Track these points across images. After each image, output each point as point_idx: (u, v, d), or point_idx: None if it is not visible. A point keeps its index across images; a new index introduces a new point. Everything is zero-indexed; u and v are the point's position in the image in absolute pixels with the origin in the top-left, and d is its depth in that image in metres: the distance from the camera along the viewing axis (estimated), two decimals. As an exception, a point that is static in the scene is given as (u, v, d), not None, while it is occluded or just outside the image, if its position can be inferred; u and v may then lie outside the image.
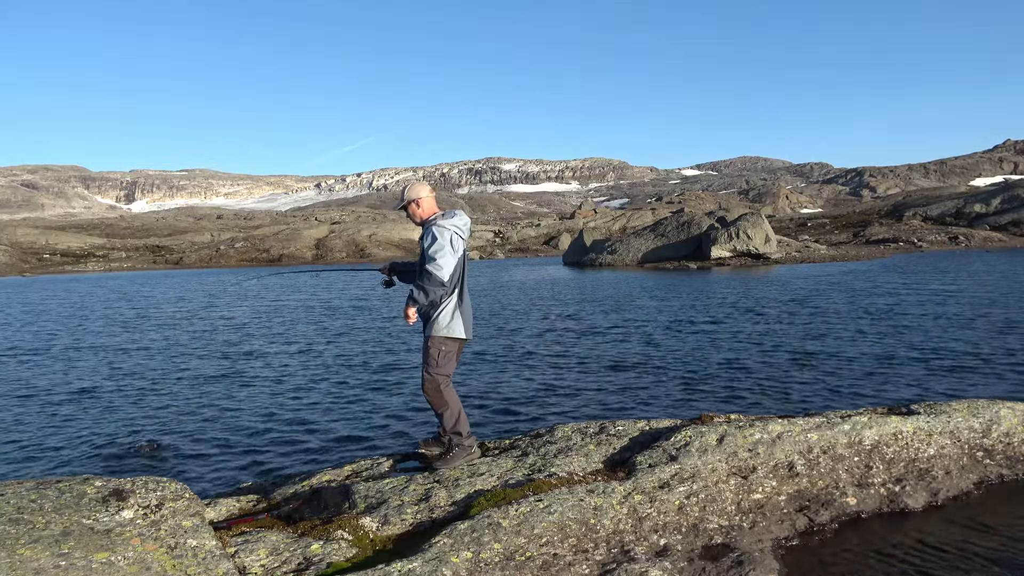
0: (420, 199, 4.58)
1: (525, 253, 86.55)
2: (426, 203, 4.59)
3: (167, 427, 9.07)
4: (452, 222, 4.47)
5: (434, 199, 4.65)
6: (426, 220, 4.57)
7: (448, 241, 4.37)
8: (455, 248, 4.42)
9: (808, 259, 46.05)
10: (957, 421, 4.71)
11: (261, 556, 3.35)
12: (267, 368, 13.22)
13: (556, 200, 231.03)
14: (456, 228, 4.46)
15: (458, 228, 4.47)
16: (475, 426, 8.40)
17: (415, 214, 4.59)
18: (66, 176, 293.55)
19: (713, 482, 4.01)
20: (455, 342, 4.59)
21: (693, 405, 9.04)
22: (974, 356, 11.41)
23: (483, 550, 3.27)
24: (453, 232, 4.43)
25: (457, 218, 4.53)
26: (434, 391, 4.57)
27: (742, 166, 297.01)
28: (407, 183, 4.67)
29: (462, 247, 4.52)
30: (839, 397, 9.18)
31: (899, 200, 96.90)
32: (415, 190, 4.60)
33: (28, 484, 3.55)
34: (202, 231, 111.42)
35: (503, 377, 11.40)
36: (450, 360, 4.60)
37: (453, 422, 4.60)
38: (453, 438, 4.61)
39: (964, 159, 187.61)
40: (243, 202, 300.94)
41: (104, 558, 2.93)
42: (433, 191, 4.67)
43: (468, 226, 4.59)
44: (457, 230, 4.46)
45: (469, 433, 4.69)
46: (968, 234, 59.34)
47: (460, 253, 4.50)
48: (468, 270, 4.69)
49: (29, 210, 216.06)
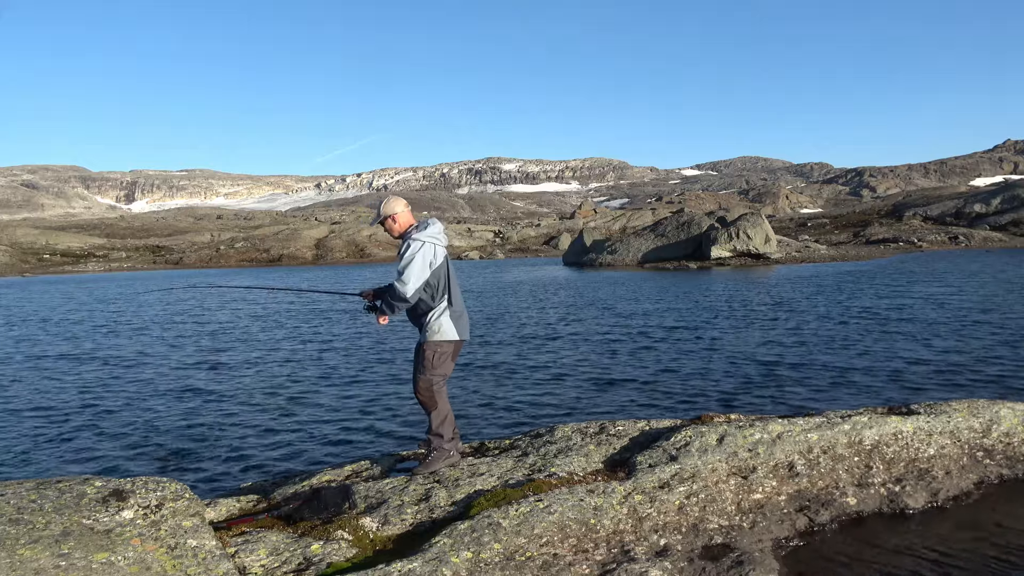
0: (396, 214, 4.62)
1: (525, 253, 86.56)
2: (402, 218, 4.63)
3: (167, 427, 9.07)
4: (427, 233, 4.51)
5: (409, 212, 4.69)
6: (403, 234, 4.62)
7: (419, 254, 4.40)
8: (433, 257, 4.47)
9: (808, 259, 46.06)
10: (957, 421, 4.71)
11: (261, 556, 3.35)
12: (267, 369, 13.21)
13: (556, 200, 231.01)
14: (431, 238, 4.50)
15: (434, 237, 4.51)
16: (475, 426, 8.41)
17: (392, 229, 4.65)
18: (66, 176, 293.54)
19: (713, 482, 4.00)
20: (449, 344, 4.62)
21: (693, 405, 9.03)
22: (974, 356, 11.41)
23: (483, 550, 3.27)
24: (428, 243, 4.47)
25: (432, 227, 4.58)
26: (427, 391, 4.60)
27: (742, 166, 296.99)
28: (382, 200, 4.72)
29: (441, 255, 4.56)
30: (839, 397, 9.17)
31: (899, 200, 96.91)
32: (390, 206, 4.64)
33: (28, 484, 3.55)
34: (202, 231, 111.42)
35: (503, 377, 11.39)
36: (445, 362, 4.63)
37: (439, 422, 4.62)
38: (434, 440, 4.61)
39: (964, 159, 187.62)
40: (243, 202, 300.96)
41: (104, 558, 2.93)
42: (408, 206, 4.71)
43: (443, 232, 4.64)
44: (433, 239, 4.50)
45: (453, 437, 4.67)
46: (968, 234, 59.35)
47: (440, 261, 4.54)
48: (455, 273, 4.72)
49: (29, 210, 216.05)
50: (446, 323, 4.58)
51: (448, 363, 4.67)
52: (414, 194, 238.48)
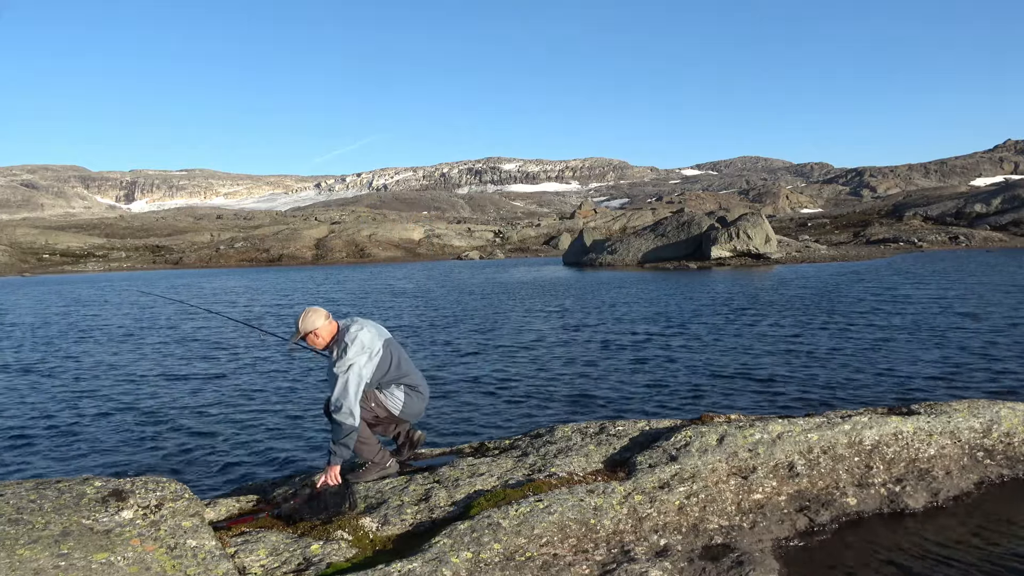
0: (316, 329, 4.33)
1: (525, 253, 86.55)
2: (324, 331, 4.35)
3: (166, 427, 9.07)
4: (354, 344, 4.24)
5: (330, 322, 4.39)
6: (328, 345, 4.39)
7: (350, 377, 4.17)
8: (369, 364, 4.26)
9: (808, 259, 46.06)
10: (957, 421, 4.71)
11: (261, 556, 3.35)
12: (267, 369, 13.21)
13: (556, 200, 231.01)
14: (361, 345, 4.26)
15: (363, 344, 4.27)
16: (475, 426, 8.41)
17: (315, 344, 4.38)
18: (66, 176, 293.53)
19: (713, 482, 4.00)
20: (385, 412, 4.49)
21: (693, 405, 9.03)
22: (975, 356, 11.41)
23: (483, 550, 3.26)
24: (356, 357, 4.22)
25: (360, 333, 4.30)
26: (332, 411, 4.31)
27: (742, 166, 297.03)
28: (300, 314, 4.36)
29: (378, 343, 4.36)
30: (839, 397, 9.17)
31: (899, 200, 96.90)
32: (308, 321, 4.32)
33: (28, 484, 3.55)
34: (202, 231, 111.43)
35: (503, 377, 11.39)
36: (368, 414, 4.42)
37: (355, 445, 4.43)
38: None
39: (964, 159, 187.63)
40: (243, 202, 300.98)
41: (104, 558, 2.92)
42: (328, 316, 4.39)
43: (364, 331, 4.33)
44: (362, 347, 4.26)
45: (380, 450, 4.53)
46: (968, 234, 59.35)
47: (379, 347, 4.35)
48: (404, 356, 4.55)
49: (29, 210, 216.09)
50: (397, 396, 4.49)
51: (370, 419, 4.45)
52: (414, 194, 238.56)
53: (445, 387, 10.53)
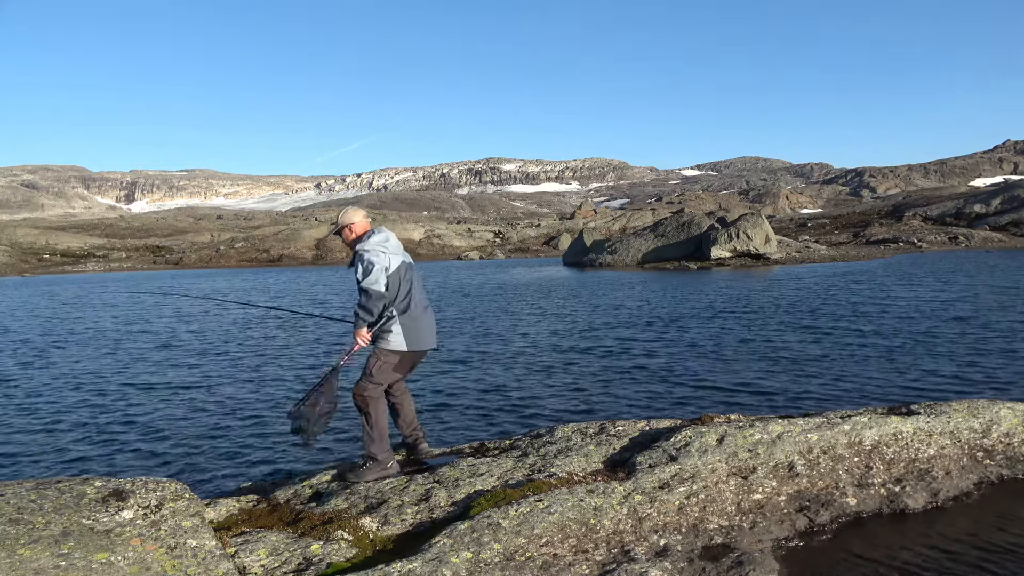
0: (352, 224, 4.75)
1: (525, 253, 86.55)
2: (358, 227, 4.76)
3: (166, 427, 9.07)
4: (374, 241, 4.60)
5: (365, 221, 4.82)
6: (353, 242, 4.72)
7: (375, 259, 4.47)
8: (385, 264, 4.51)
9: (808, 259, 46.05)
10: (957, 421, 4.71)
11: (261, 556, 3.35)
12: (267, 369, 13.21)
13: (556, 200, 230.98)
14: (379, 245, 4.57)
15: (381, 245, 4.58)
16: (475, 426, 8.41)
17: (348, 238, 4.76)
18: (66, 176, 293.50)
19: (713, 482, 4.00)
20: (395, 355, 4.63)
21: (693, 405, 9.03)
22: (974, 356, 11.41)
23: (483, 550, 3.27)
24: (376, 251, 4.53)
25: (377, 235, 4.65)
26: (360, 396, 4.65)
27: (742, 166, 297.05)
28: (344, 209, 4.89)
29: (397, 260, 4.57)
30: (839, 397, 9.17)
31: (899, 200, 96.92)
32: (347, 216, 4.80)
33: (28, 484, 3.55)
34: (202, 231, 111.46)
35: (503, 377, 11.39)
36: (387, 372, 4.65)
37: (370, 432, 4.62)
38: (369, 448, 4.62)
39: (964, 159, 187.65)
40: (243, 202, 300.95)
41: (104, 558, 2.93)
42: (365, 215, 4.85)
43: (391, 239, 4.67)
44: (380, 247, 4.56)
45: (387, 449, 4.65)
46: (968, 234, 59.33)
47: (396, 266, 4.55)
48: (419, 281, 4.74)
49: (29, 210, 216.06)
50: (395, 332, 4.57)
51: (390, 374, 4.67)
52: (414, 194, 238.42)
53: (445, 387, 10.53)
